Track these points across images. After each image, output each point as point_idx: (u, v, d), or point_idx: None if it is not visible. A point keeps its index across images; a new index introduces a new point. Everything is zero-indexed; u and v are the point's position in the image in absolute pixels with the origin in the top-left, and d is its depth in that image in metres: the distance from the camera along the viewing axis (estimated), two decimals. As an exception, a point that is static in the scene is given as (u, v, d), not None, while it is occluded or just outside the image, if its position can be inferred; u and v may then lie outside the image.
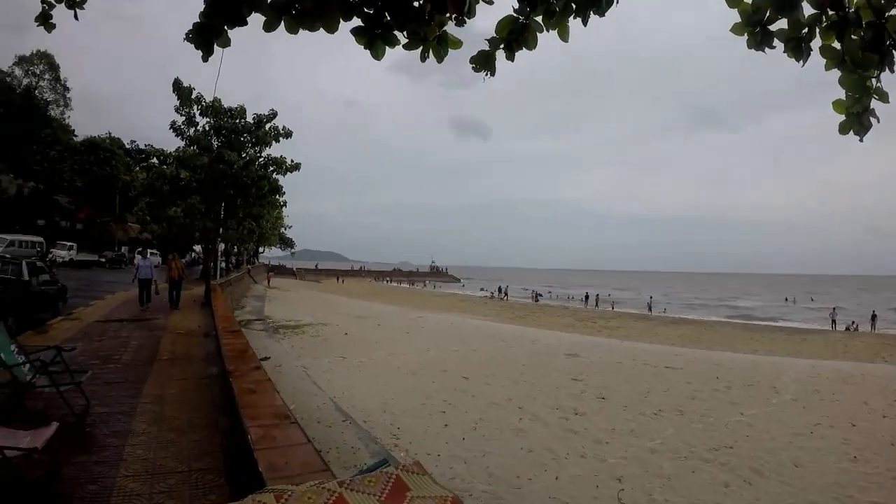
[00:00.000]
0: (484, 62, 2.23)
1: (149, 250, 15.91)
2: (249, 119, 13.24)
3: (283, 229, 45.42)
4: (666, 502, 4.50)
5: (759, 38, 1.88)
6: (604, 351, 13.51)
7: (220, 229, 14.55)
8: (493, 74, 2.38)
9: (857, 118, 1.87)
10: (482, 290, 58.86)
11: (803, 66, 1.87)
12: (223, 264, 26.98)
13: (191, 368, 5.32)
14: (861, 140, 1.90)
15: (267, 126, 13.23)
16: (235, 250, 35.00)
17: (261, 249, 52.57)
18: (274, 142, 13.29)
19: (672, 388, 9.22)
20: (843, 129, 1.90)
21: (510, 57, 2.16)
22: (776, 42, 1.88)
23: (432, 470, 4.64)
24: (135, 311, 10.42)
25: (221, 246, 22.71)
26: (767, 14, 1.83)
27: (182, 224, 14.05)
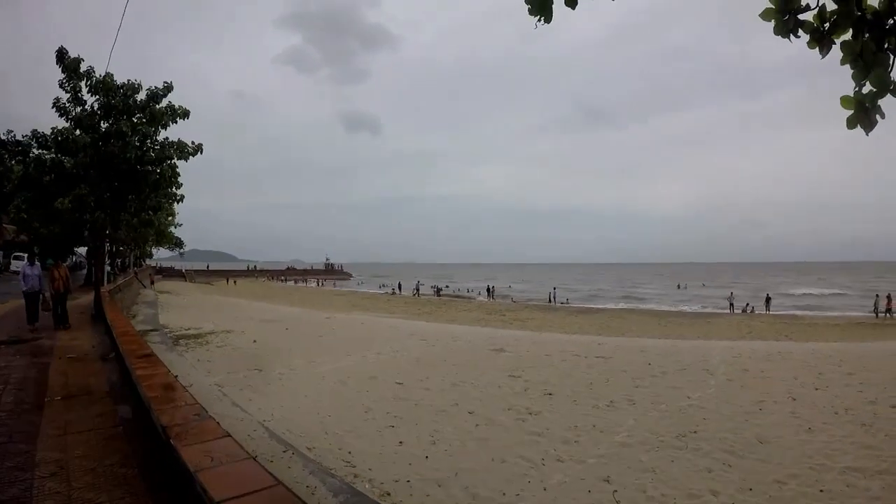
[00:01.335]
0: (540, 7, 2.39)
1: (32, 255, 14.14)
2: (143, 95, 12.82)
3: (173, 228, 46.90)
4: (663, 497, 4.79)
5: (790, 25, 2.25)
6: (528, 344, 14.27)
7: (113, 224, 14.21)
8: (548, 21, 2.39)
9: (866, 114, 2.23)
10: (382, 286, 65.88)
11: (823, 58, 2.24)
12: (108, 268, 26.72)
13: (94, 410, 4.51)
14: (867, 135, 2.27)
15: (163, 102, 12.85)
16: (122, 250, 34.88)
17: (150, 250, 54.48)
18: (171, 122, 12.86)
19: (612, 378, 9.96)
20: (851, 123, 2.26)
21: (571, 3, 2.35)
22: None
23: (407, 501, 4.42)
24: (15, 330, 9.81)
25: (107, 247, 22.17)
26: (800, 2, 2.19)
27: (71, 219, 13.54)
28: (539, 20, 2.36)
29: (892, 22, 2.18)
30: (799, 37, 2.30)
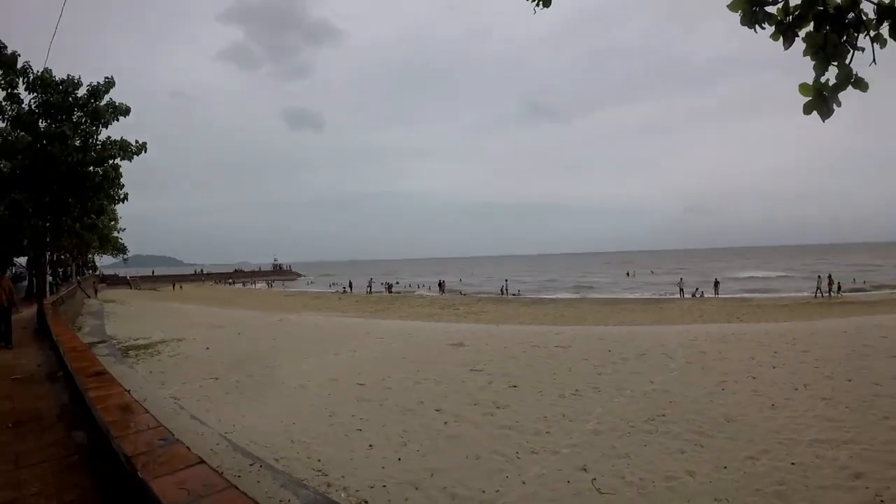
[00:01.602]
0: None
1: None
2: (83, 92, 12.55)
3: (116, 232, 45.81)
4: (641, 481, 4.87)
5: (759, 16, 2.46)
6: (486, 337, 14.35)
7: (54, 231, 13.94)
8: (547, 6, 2.49)
9: (824, 102, 2.45)
10: (332, 285, 66.56)
11: (786, 49, 2.47)
12: (50, 278, 25.98)
13: (47, 438, 4.08)
14: (823, 122, 2.51)
15: (105, 99, 12.53)
16: (64, 258, 33.89)
17: (93, 258, 53.51)
18: (113, 120, 12.54)
19: (574, 367, 10.13)
20: (807, 109, 2.49)
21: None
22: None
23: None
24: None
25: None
26: None
27: (7, 226, 13.07)
28: (537, 4, 2.40)
29: (851, 16, 2.40)
30: (764, 28, 2.50)
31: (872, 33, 2.42)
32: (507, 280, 53.49)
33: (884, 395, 7.08)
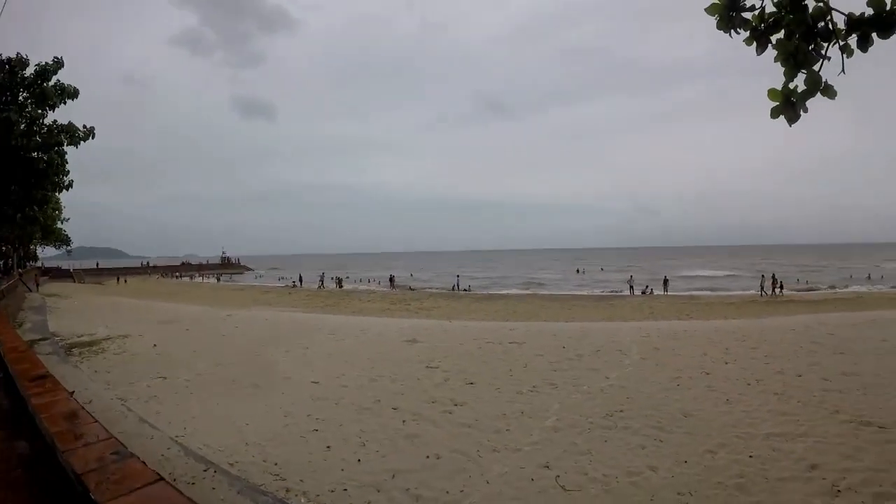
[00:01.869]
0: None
1: None
2: (31, 72, 12.15)
3: (60, 223, 44.59)
4: (605, 477, 4.97)
5: (736, 22, 2.67)
6: (439, 333, 14.42)
7: None
8: None
9: (792, 107, 2.64)
10: (281, 279, 69.05)
11: (759, 55, 2.65)
12: None
13: None
14: (790, 126, 2.71)
15: (53, 80, 12.09)
16: (5, 250, 33.80)
17: (36, 250, 53.05)
18: (61, 103, 12.12)
19: (530, 364, 10.27)
20: (775, 114, 2.68)
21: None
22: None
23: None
24: None
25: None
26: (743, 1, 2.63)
27: None
28: None
29: (821, 25, 2.57)
30: (738, 33, 2.69)
31: (841, 43, 2.58)
32: (458, 276, 54.22)
33: (833, 389, 7.52)
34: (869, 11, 2.50)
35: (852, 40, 2.57)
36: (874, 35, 2.53)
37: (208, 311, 24.32)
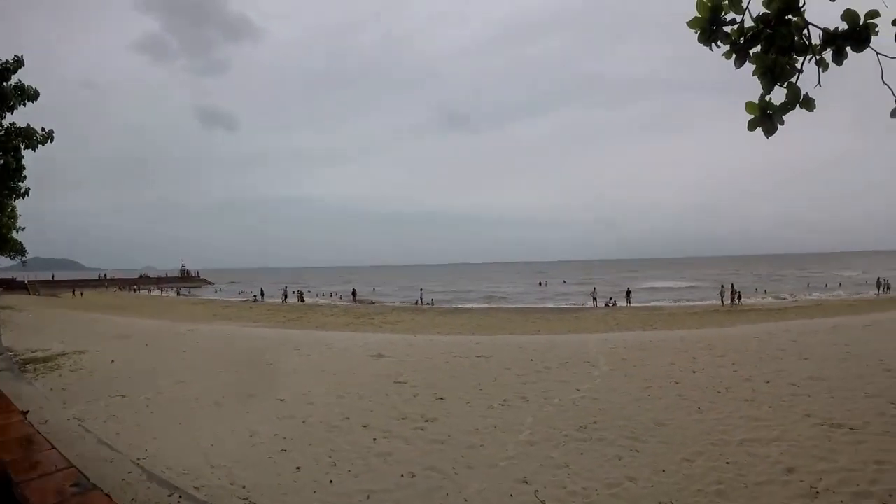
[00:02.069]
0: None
1: None
2: None
3: (15, 232, 41.69)
4: (584, 490, 4.98)
5: (716, 37, 2.83)
6: (405, 347, 14.34)
7: None
8: None
9: (769, 119, 2.83)
10: (241, 293, 69.29)
11: (738, 68, 2.81)
12: None
13: None
14: (767, 138, 2.89)
15: (12, 80, 11.53)
16: None
17: None
18: (20, 104, 11.60)
19: (499, 377, 10.28)
20: (752, 126, 2.86)
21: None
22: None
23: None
24: None
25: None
26: (723, 16, 2.80)
27: None
28: None
29: (797, 39, 2.75)
30: (718, 46, 2.85)
31: (817, 57, 2.77)
32: (422, 289, 54.50)
33: (801, 394, 7.79)
34: (843, 25, 2.66)
35: (827, 54, 2.75)
36: (848, 49, 2.69)
37: (168, 325, 23.97)
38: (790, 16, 2.73)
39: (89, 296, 63.29)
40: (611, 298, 42.07)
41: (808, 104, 2.82)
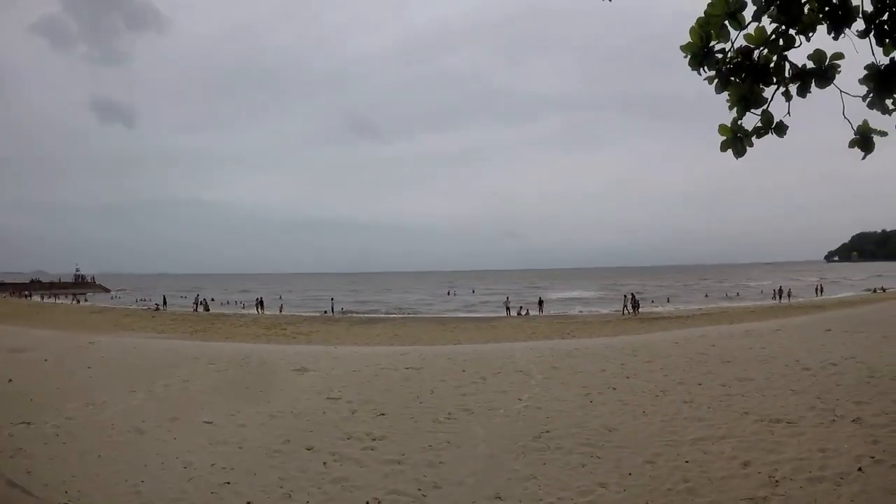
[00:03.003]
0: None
1: None
2: None
3: None
4: (560, 500, 5.09)
5: (706, 62, 3.17)
6: (328, 360, 13.94)
7: None
8: None
9: (740, 142, 3.25)
10: (140, 300, 68.47)
11: (718, 93, 3.21)
12: None
13: None
14: (737, 159, 3.31)
15: None
16: None
17: None
18: None
19: (436, 390, 10.25)
20: (724, 147, 3.29)
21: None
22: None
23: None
24: None
25: None
26: (711, 45, 3.15)
27: None
28: None
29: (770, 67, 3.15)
30: (706, 71, 3.19)
31: (783, 89, 3.17)
32: (332, 299, 53.82)
33: (735, 394, 8.42)
34: (810, 64, 3.09)
35: (793, 87, 3.15)
36: (813, 83, 3.11)
37: (67, 336, 21.97)
38: (765, 50, 3.12)
39: (-27, 304, 57.65)
40: (521, 307, 43.45)
41: (780, 129, 3.24)
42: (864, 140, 3.19)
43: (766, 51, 3.13)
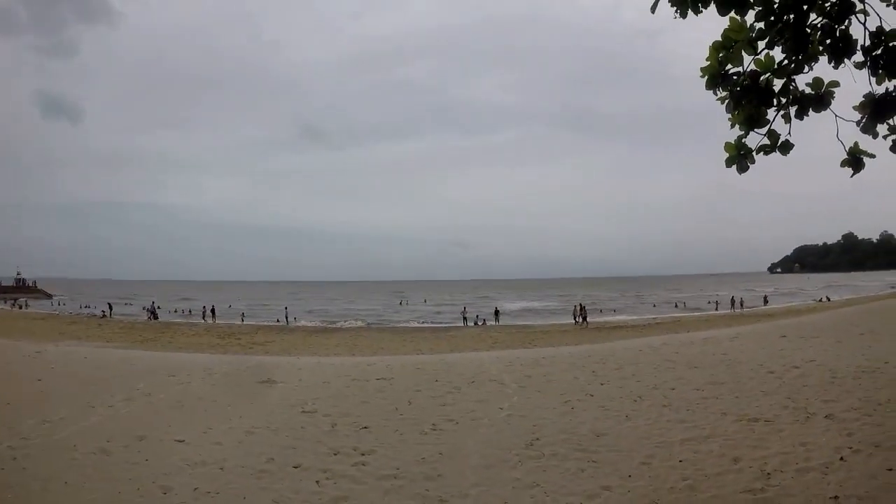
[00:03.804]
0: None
1: None
2: None
3: None
4: (564, 504, 5.20)
5: (723, 84, 3.52)
6: (293, 371, 13.82)
7: None
8: (683, 16, 3.41)
9: (744, 159, 3.64)
10: (84, 307, 66.56)
11: (728, 113, 3.59)
12: None
13: None
14: (740, 174, 3.75)
15: None
16: None
17: None
18: None
19: (413, 400, 10.27)
20: (728, 163, 3.66)
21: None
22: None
23: None
24: None
25: None
26: (727, 68, 3.53)
27: None
28: (676, 11, 3.41)
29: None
30: (720, 92, 3.55)
31: (783, 112, 3.54)
32: (286, 307, 53.31)
33: (710, 397, 8.85)
34: (807, 90, 3.49)
35: (792, 109, 3.54)
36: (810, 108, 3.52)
37: (10, 346, 20.75)
38: (771, 75, 3.49)
39: None
40: (477, 316, 43.92)
41: (785, 148, 3.60)
42: (854, 160, 3.58)
43: (769, 76, 3.48)
